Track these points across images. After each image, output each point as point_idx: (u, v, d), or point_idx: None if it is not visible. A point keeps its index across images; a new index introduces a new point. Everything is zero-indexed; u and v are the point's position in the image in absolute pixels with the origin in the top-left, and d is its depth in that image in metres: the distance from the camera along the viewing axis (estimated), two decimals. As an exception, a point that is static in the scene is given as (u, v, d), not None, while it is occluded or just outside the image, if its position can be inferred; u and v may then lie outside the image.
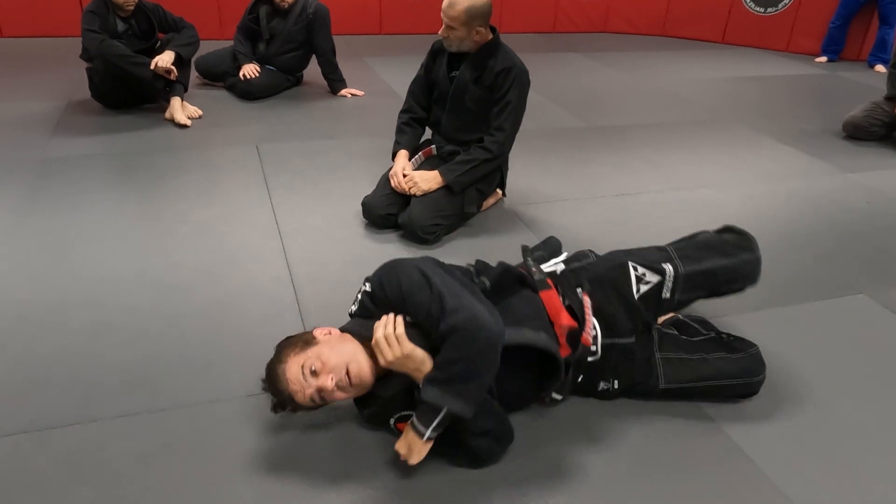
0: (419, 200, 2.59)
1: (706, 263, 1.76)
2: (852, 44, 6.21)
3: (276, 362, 1.51)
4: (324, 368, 1.46)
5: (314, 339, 1.55)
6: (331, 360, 1.47)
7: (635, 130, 4.07)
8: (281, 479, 1.52)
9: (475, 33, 2.46)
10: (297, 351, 1.51)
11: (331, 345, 1.52)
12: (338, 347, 1.51)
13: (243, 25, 4.19)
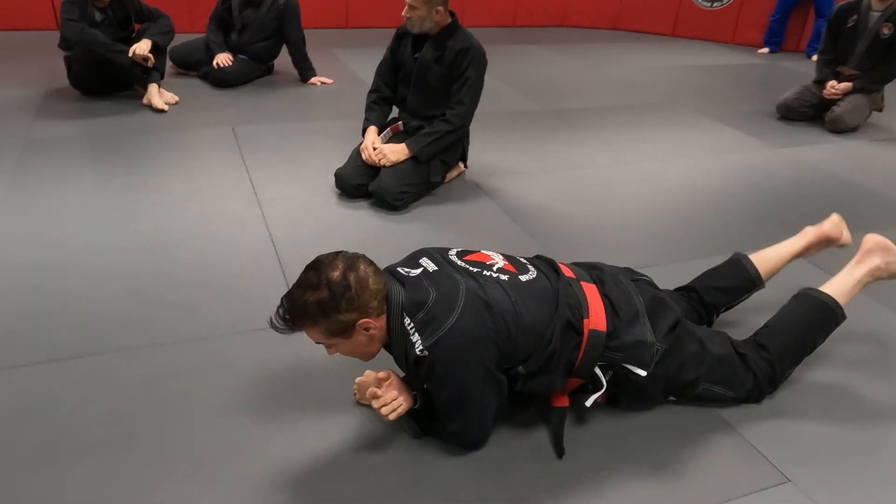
0: (388, 170, 2.82)
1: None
2: (792, 36, 6.62)
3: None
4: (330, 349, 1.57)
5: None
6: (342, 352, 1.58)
7: (589, 113, 4.37)
8: (271, 399, 1.76)
9: (435, 13, 2.72)
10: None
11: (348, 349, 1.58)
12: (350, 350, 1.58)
13: (216, 16, 4.37)
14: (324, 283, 1.46)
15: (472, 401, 1.54)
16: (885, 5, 4.14)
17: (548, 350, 1.56)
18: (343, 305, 1.45)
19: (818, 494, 1.56)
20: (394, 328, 1.52)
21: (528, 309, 1.55)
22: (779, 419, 1.80)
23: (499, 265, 1.64)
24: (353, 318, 1.47)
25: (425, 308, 1.48)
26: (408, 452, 1.62)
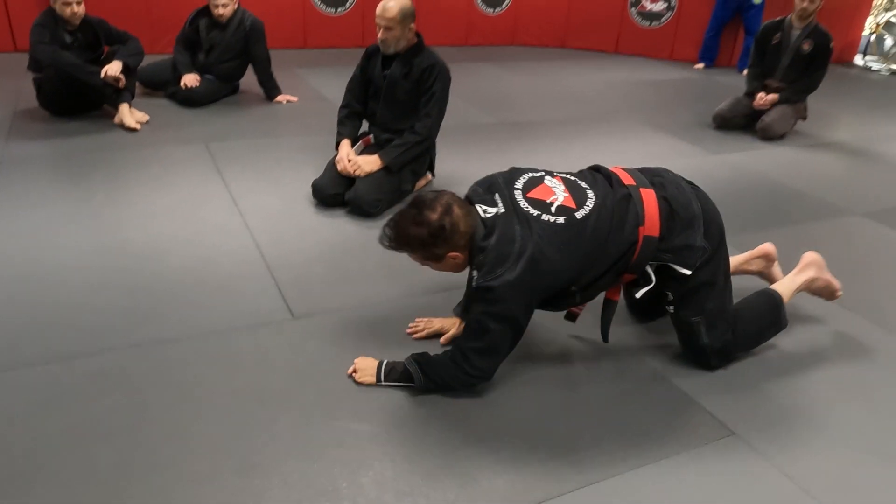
0: (363, 180, 3.03)
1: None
2: (725, 52, 7.12)
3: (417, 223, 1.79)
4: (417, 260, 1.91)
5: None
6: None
7: (542, 125, 4.66)
8: (272, 385, 1.93)
9: (409, 31, 2.94)
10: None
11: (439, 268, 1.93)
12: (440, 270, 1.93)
13: (183, 37, 4.51)
14: (424, 223, 1.79)
15: (491, 335, 1.82)
16: (804, 24, 4.58)
17: (605, 259, 1.86)
18: (437, 242, 1.80)
19: (761, 444, 1.82)
20: (469, 259, 1.87)
21: (586, 241, 1.82)
22: (721, 378, 2.08)
23: (558, 202, 1.85)
24: (444, 252, 1.83)
25: (486, 253, 1.78)
26: (403, 443, 1.81)
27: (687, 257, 1.93)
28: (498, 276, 1.75)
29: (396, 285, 2.50)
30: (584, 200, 1.87)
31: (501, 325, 1.81)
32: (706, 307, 2.02)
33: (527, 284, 1.77)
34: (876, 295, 2.66)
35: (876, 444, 1.86)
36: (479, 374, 1.89)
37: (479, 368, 1.87)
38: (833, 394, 2.06)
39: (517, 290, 1.76)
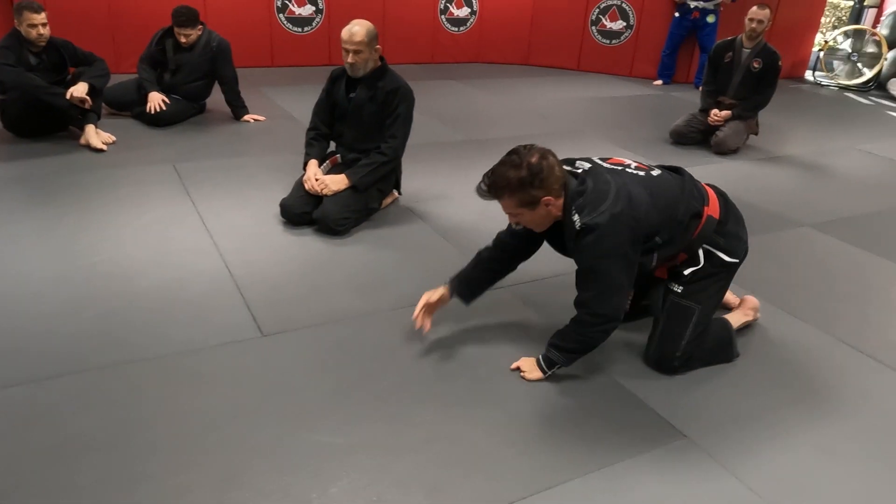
0: (330, 199, 3.10)
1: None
2: (682, 69, 7.37)
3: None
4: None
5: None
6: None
7: (507, 141, 4.72)
8: (245, 401, 1.99)
9: (375, 52, 3.04)
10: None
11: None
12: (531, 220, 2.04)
13: (148, 56, 4.52)
14: (524, 164, 1.91)
15: (606, 274, 1.97)
16: (754, 43, 4.80)
17: (677, 225, 2.08)
18: (536, 183, 1.90)
19: (711, 447, 1.93)
20: (566, 210, 1.98)
21: (662, 196, 2.04)
22: (673, 383, 2.19)
23: (633, 165, 2.12)
24: (540, 195, 1.93)
25: (585, 195, 1.95)
26: (373, 454, 1.88)
27: (735, 247, 2.20)
28: (602, 212, 1.91)
29: (365, 301, 2.57)
30: (652, 169, 2.15)
31: (614, 261, 1.96)
32: (704, 300, 2.19)
33: (628, 216, 1.93)
34: (823, 303, 2.81)
35: (823, 445, 1.98)
36: (609, 317, 2.02)
37: (605, 314, 2.01)
38: (782, 398, 2.18)
39: (622, 223, 1.93)
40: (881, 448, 1.99)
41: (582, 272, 2.03)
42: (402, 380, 2.12)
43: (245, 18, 6.36)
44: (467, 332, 2.42)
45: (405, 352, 2.27)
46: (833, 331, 2.59)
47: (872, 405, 2.18)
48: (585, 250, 1.96)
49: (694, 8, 6.83)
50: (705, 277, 2.20)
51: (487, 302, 2.62)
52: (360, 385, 2.08)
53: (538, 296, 2.70)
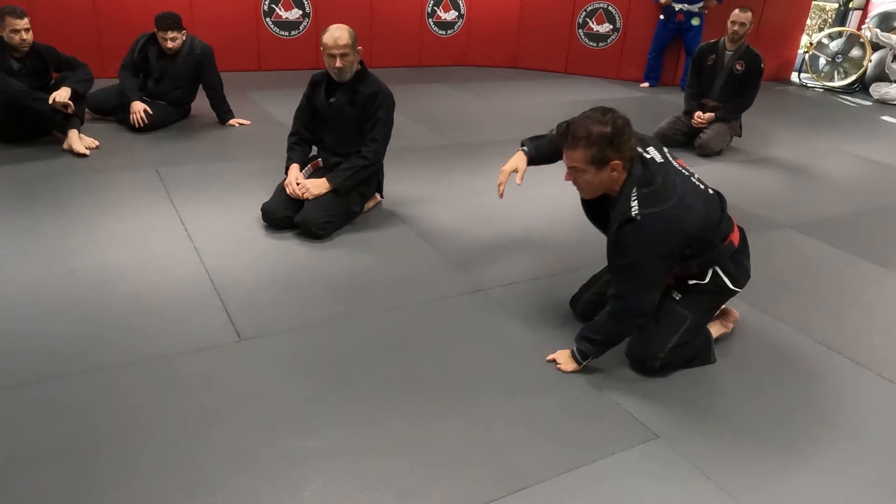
0: (311, 203, 3.10)
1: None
2: (668, 71, 7.41)
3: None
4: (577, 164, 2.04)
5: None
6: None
7: (491, 146, 4.80)
8: (218, 408, 1.99)
9: (358, 54, 3.07)
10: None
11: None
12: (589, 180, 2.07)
13: (130, 63, 4.50)
14: (609, 122, 1.96)
15: (647, 271, 2.06)
16: (736, 46, 4.84)
17: (708, 244, 2.16)
18: (615, 143, 1.95)
19: (683, 447, 1.94)
20: (625, 188, 2.02)
21: (711, 215, 2.13)
22: (647, 384, 2.21)
23: (696, 176, 2.20)
24: (612, 157, 1.97)
25: (650, 188, 1.99)
26: (345, 458, 1.89)
27: (740, 277, 2.28)
28: (662, 210, 1.98)
29: (344, 304, 2.58)
30: (707, 186, 2.23)
31: (657, 261, 2.04)
32: (697, 312, 2.25)
33: (683, 224, 2.01)
34: (802, 304, 2.83)
35: (794, 445, 2.00)
36: (643, 313, 2.12)
37: (640, 309, 2.11)
38: (755, 398, 2.20)
39: (675, 228, 2.01)
40: (852, 447, 2.01)
41: (622, 266, 2.09)
42: (377, 383, 2.13)
43: (231, 23, 6.37)
44: (442, 336, 2.43)
45: (381, 356, 2.28)
46: (810, 332, 2.61)
47: (845, 406, 2.20)
48: (633, 243, 2.01)
49: (679, 11, 6.87)
50: (705, 293, 2.27)
51: (463, 305, 2.64)
52: (336, 389, 2.09)
53: (514, 299, 2.71)
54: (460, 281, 2.83)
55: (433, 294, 2.70)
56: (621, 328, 2.17)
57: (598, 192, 2.12)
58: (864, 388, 2.30)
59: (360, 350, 2.30)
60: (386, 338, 2.39)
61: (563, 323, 2.54)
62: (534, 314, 2.60)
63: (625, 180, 2.03)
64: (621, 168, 2.01)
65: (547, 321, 2.55)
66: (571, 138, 2.01)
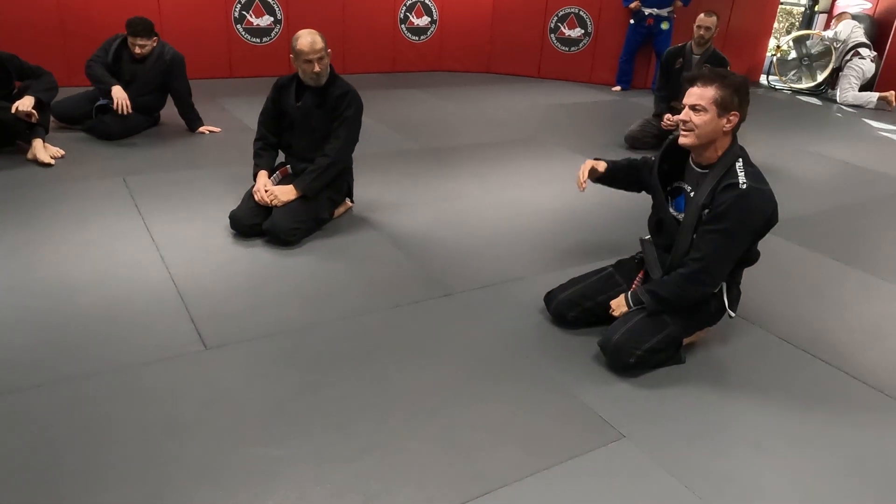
0: (280, 209, 3.08)
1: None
2: (640, 74, 7.49)
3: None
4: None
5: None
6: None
7: (462, 150, 4.81)
8: (183, 418, 1.96)
9: (329, 56, 3.09)
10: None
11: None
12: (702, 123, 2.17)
13: (101, 59, 4.37)
14: (740, 77, 2.16)
15: (733, 242, 2.15)
16: (703, 49, 4.91)
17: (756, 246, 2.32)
18: (742, 94, 2.12)
19: (648, 445, 1.96)
20: (726, 158, 2.17)
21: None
22: (613, 384, 2.22)
23: None
24: (735, 106, 2.12)
25: (753, 168, 2.17)
26: (310, 464, 1.88)
27: (733, 303, 2.38)
28: (764, 188, 2.12)
29: (311, 311, 2.56)
30: None
31: (746, 234, 2.15)
32: (680, 324, 2.30)
33: (774, 207, 2.16)
34: (767, 302, 2.87)
35: (757, 441, 2.02)
36: (716, 282, 2.23)
37: (715, 276, 2.21)
38: (719, 396, 2.22)
39: (769, 209, 2.15)
40: (817, 443, 2.03)
41: (714, 231, 2.14)
42: (344, 390, 2.12)
43: (202, 29, 6.32)
44: (410, 341, 2.43)
45: (348, 362, 2.27)
46: (775, 329, 2.65)
47: (810, 402, 2.23)
48: (734, 210, 2.10)
49: (648, 15, 6.95)
50: (693, 314, 2.32)
51: (433, 309, 2.64)
52: (300, 396, 2.07)
53: (483, 303, 2.71)
54: (430, 285, 2.82)
55: (403, 299, 2.69)
56: (688, 291, 2.22)
57: (703, 139, 2.17)
58: (829, 385, 2.34)
59: (328, 356, 2.29)
60: (354, 343, 2.37)
61: (533, 325, 2.55)
62: (503, 317, 2.61)
63: (728, 148, 2.18)
64: (734, 124, 2.15)
65: (516, 324, 2.56)
66: (707, 76, 2.14)
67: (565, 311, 2.50)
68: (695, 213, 2.20)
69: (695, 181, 2.27)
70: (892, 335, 2.69)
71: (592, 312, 2.48)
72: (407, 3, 7.32)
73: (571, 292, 2.52)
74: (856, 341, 2.62)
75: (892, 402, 2.25)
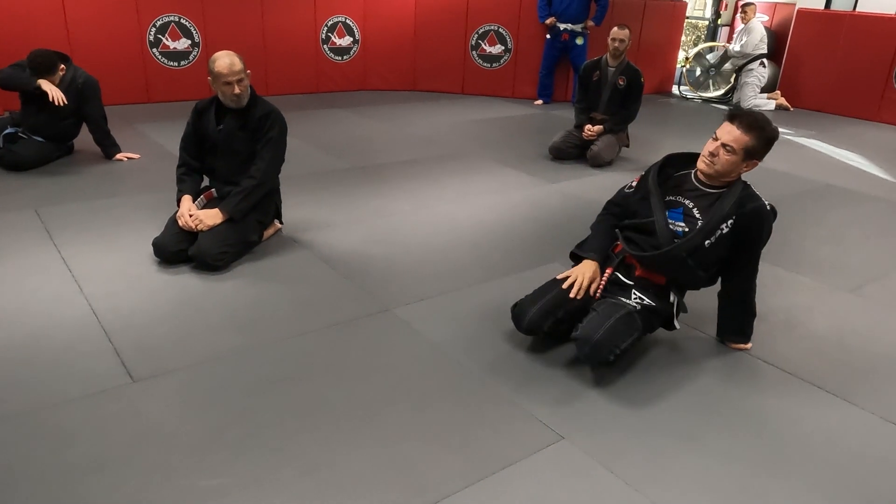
0: (206, 234, 3.01)
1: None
2: (559, 88, 7.72)
3: None
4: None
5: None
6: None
7: (391, 167, 4.83)
8: (109, 458, 1.88)
9: (248, 77, 3.05)
10: None
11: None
12: (725, 162, 2.32)
13: (11, 67, 4.18)
14: (776, 130, 2.32)
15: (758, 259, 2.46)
16: (618, 62, 5.11)
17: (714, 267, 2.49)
18: (769, 147, 2.31)
19: (588, 446, 2.00)
20: (738, 182, 2.36)
21: None
22: (550, 388, 2.26)
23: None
24: (759, 156, 2.31)
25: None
26: (248, 490, 1.83)
27: (680, 312, 2.52)
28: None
29: (244, 336, 2.50)
30: None
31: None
32: (644, 332, 2.39)
33: None
34: (696, 303, 2.98)
35: (690, 433, 2.10)
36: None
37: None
38: (653, 393, 2.30)
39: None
40: (747, 434, 2.13)
41: (756, 252, 2.42)
42: (281, 413, 2.08)
43: (115, 54, 6.12)
44: (348, 359, 2.41)
45: (285, 384, 2.23)
46: (696, 324, 2.77)
47: (740, 396, 2.34)
48: (766, 228, 2.36)
49: (563, 30, 7.19)
50: (653, 314, 2.43)
51: (369, 326, 2.63)
52: (237, 423, 2.02)
53: (419, 316, 2.72)
54: (365, 303, 2.81)
55: (338, 318, 2.67)
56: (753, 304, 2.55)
57: (721, 176, 2.34)
58: (751, 374, 2.46)
59: (263, 380, 2.24)
60: (290, 366, 2.34)
61: (469, 336, 2.58)
62: (440, 329, 2.62)
63: (739, 175, 2.37)
64: (751, 169, 2.32)
65: (453, 336, 2.58)
66: (749, 123, 2.26)
67: (541, 323, 2.41)
68: (715, 223, 2.31)
69: (697, 198, 2.39)
70: (801, 323, 2.86)
71: (564, 321, 2.41)
72: (328, 23, 7.31)
73: (543, 304, 2.42)
74: (772, 331, 2.77)
75: (805, 385, 2.39)
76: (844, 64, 7.81)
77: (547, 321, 2.40)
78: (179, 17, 6.43)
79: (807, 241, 3.84)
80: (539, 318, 2.40)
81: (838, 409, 2.27)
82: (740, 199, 2.32)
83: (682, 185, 2.46)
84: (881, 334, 2.80)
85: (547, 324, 2.41)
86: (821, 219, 4.26)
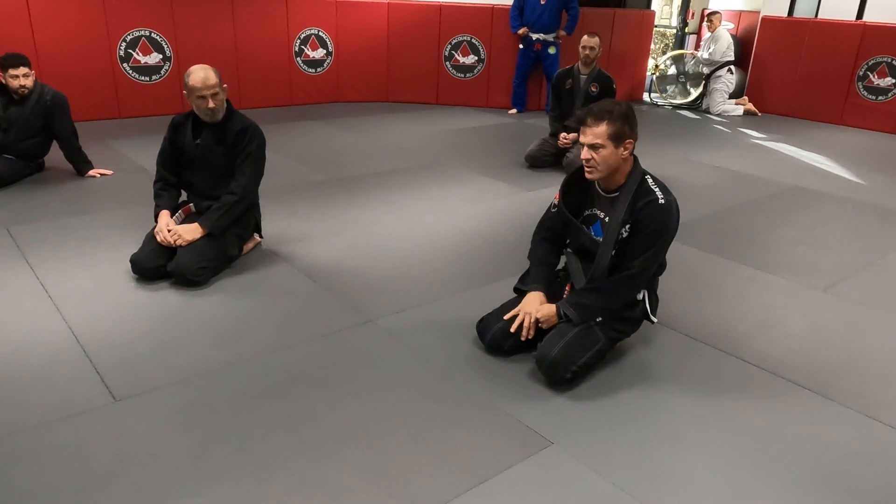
0: (185, 249, 2.97)
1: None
2: (533, 97, 7.80)
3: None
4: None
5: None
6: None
7: (369, 178, 4.83)
8: (91, 480, 1.84)
9: (224, 91, 3.02)
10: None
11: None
12: (604, 158, 2.29)
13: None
14: (624, 105, 2.28)
15: (662, 249, 2.36)
16: (590, 69, 5.19)
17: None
18: (631, 121, 2.26)
19: (577, 450, 2.02)
20: (633, 177, 2.32)
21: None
22: (539, 394, 2.28)
23: None
24: (628, 135, 2.25)
25: (659, 180, 2.36)
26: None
27: (654, 307, 2.54)
28: (673, 199, 2.31)
29: (226, 350, 2.48)
30: None
31: (666, 244, 2.35)
32: (607, 338, 2.40)
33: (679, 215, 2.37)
34: (670, 303, 3.03)
35: (676, 433, 2.13)
36: (640, 288, 2.41)
37: (642, 283, 2.39)
38: (638, 395, 2.32)
39: (678, 213, 2.35)
40: (726, 430, 2.17)
41: (641, 242, 2.30)
42: (267, 428, 2.06)
43: (84, 69, 6.04)
44: (333, 371, 2.40)
45: (270, 398, 2.21)
46: (676, 326, 2.81)
47: (714, 391, 2.38)
48: (659, 223, 2.28)
49: (536, 40, 7.27)
50: (622, 321, 2.44)
51: (353, 338, 2.62)
52: (223, 439, 2.00)
53: (403, 326, 2.72)
54: (348, 314, 2.80)
55: (321, 330, 2.66)
56: (623, 294, 2.37)
57: (609, 171, 2.30)
58: (732, 373, 2.50)
59: (248, 395, 2.22)
60: (274, 379, 2.32)
61: (454, 345, 2.58)
62: (424, 339, 2.62)
63: (632, 169, 2.33)
64: (631, 149, 2.29)
65: (437, 345, 2.58)
66: (595, 115, 2.25)
67: (502, 341, 2.45)
68: (615, 230, 2.31)
69: (606, 206, 2.39)
70: (778, 323, 2.91)
71: (525, 341, 2.42)
72: (301, 35, 7.30)
73: (504, 324, 2.43)
74: (749, 331, 2.82)
75: (786, 384, 2.44)
76: (809, 69, 8.01)
77: (507, 341, 2.45)
78: (150, 32, 6.37)
79: (778, 242, 3.92)
80: (500, 337, 2.47)
81: (820, 406, 2.32)
82: (634, 198, 2.31)
83: (593, 195, 2.47)
84: (856, 332, 2.87)
85: (507, 344, 2.46)
86: (791, 220, 4.36)
